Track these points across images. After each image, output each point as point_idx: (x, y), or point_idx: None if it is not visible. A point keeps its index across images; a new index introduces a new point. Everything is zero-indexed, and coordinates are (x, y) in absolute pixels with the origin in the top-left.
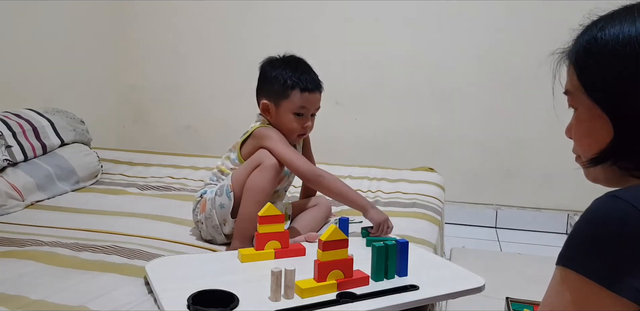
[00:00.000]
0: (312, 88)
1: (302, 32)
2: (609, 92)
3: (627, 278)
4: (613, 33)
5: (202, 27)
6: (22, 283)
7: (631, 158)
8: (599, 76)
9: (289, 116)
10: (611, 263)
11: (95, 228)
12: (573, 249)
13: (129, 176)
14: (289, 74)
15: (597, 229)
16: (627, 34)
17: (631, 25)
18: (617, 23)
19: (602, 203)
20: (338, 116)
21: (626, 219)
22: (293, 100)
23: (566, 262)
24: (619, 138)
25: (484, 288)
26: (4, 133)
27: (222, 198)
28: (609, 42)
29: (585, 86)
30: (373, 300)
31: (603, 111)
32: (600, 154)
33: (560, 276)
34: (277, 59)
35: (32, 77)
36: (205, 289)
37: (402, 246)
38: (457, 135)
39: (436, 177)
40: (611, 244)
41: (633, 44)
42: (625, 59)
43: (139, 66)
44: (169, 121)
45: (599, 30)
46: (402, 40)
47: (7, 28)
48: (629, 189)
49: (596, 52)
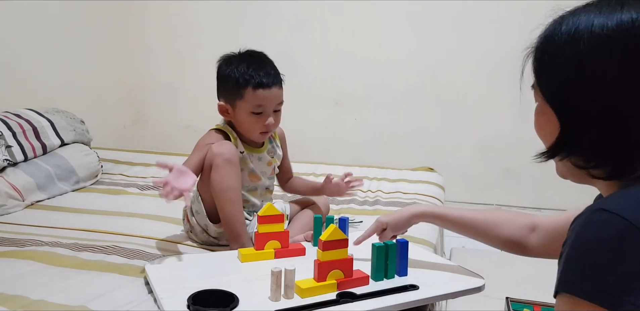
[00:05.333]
0: (268, 83)
1: (302, 32)
2: (557, 89)
3: (629, 297)
4: (566, 30)
5: (202, 27)
6: (22, 283)
7: (579, 154)
8: (549, 73)
9: (247, 116)
10: (609, 282)
11: (95, 228)
12: (570, 274)
13: (129, 176)
14: (242, 71)
15: (586, 249)
16: (579, 31)
17: (585, 22)
18: (573, 20)
19: (588, 219)
20: (338, 116)
21: (615, 232)
22: (248, 99)
23: (565, 288)
24: (564, 134)
25: (484, 288)
26: (4, 133)
27: (195, 204)
28: (562, 39)
29: (538, 81)
30: (373, 300)
31: (551, 106)
32: (550, 149)
33: (564, 304)
34: (233, 55)
35: (32, 77)
36: (205, 289)
37: (402, 246)
38: (457, 135)
39: (436, 177)
40: (605, 264)
41: (581, 43)
42: (574, 57)
43: (139, 66)
44: (169, 121)
45: (556, 26)
46: (403, 40)
47: (7, 28)
48: (614, 197)
49: (550, 48)
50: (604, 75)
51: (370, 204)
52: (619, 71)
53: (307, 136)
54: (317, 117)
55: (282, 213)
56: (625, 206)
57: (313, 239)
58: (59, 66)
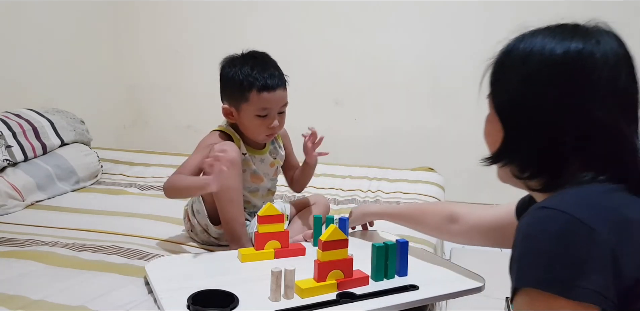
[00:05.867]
0: (272, 86)
1: (302, 32)
2: (505, 102)
3: (579, 282)
4: (523, 49)
5: (202, 27)
6: (22, 283)
7: (516, 163)
8: (501, 85)
9: (252, 119)
10: (559, 271)
11: (95, 228)
12: (522, 269)
13: (129, 176)
14: (246, 73)
15: (534, 243)
16: (532, 53)
17: (539, 45)
18: (531, 40)
19: (532, 216)
20: (338, 116)
21: (559, 225)
22: (253, 102)
23: (520, 283)
24: (505, 143)
25: (484, 288)
26: (4, 133)
27: (196, 204)
28: (517, 56)
29: (491, 92)
30: (373, 300)
31: (498, 116)
32: (492, 155)
33: (522, 300)
34: (236, 57)
35: (32, 77)
36: (205, 289)
37: (402, 246)
38: (457, 135)
39: (436, 177)
40: (553, 254)
41: (531, 63)
42: (523, 75)
43: (139, 66)
44: (169, 121)
45: (516, 43)
46: (403, 40)
47: (7, 28)
48: (552, 198)
49: (506, 63)
50: (545, 95)
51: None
52: (559, 93)
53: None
54: (317, 117)
55: (282, 213)
56: (565, 203)
57: (313, 239)
58: (59, 65)
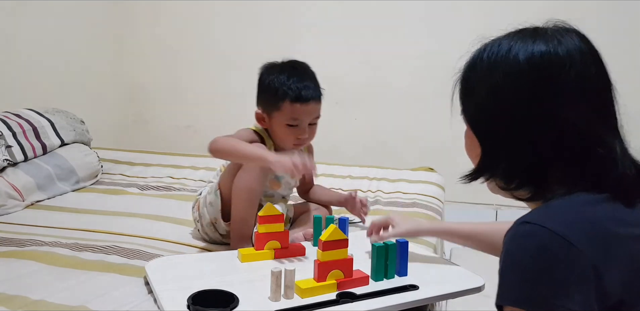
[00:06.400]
0: (306, 97)
1: (302, 32)
2: (477, 116)
3: (558, 301)
4: (487, 59)
5: (202, 28)
6: (22, 283)
7: (499, 176)
8: (470, 100)
9: (282, 127)
10: (538, 289)
11: (95, 228)
12: (503, 286)
13: (129, 176)
14: (282, 81)
15: (514, 260)
16: (497, 62)
17: (504, 53)
18: (493, 49)
19: (514, 232)
20: (338, 116)
21: (537, 241)
22: (285, 111)
23: (501, 300)
24: (484, 157)
25: (484, 288)
26: (4, 133)
27: (211, 196)
28: (483, 68)
29: (462, 108)
30: (373, 300)
31: (473, 131)
32: (472, 172)
33: None
34: (276, 64)
35: (32, 77)
36: (205, 289)
37: (402, 246)
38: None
39: (436, 177)
40: (532, 272)
41: (497, 73)
42: (491, 87)
43: (139, 66)
44: (169, 121)
45: (479, 54)
46: (403, 40)
47: (7, 28)
48: (537, 210)
49: (472, 77)
50: (515, 104)
51: (370, 204)
52: (527, 101)
53: None
54: None
55: (282, 213)
56: (546, 217)
57: (313, 239)
58: (59, 65)
